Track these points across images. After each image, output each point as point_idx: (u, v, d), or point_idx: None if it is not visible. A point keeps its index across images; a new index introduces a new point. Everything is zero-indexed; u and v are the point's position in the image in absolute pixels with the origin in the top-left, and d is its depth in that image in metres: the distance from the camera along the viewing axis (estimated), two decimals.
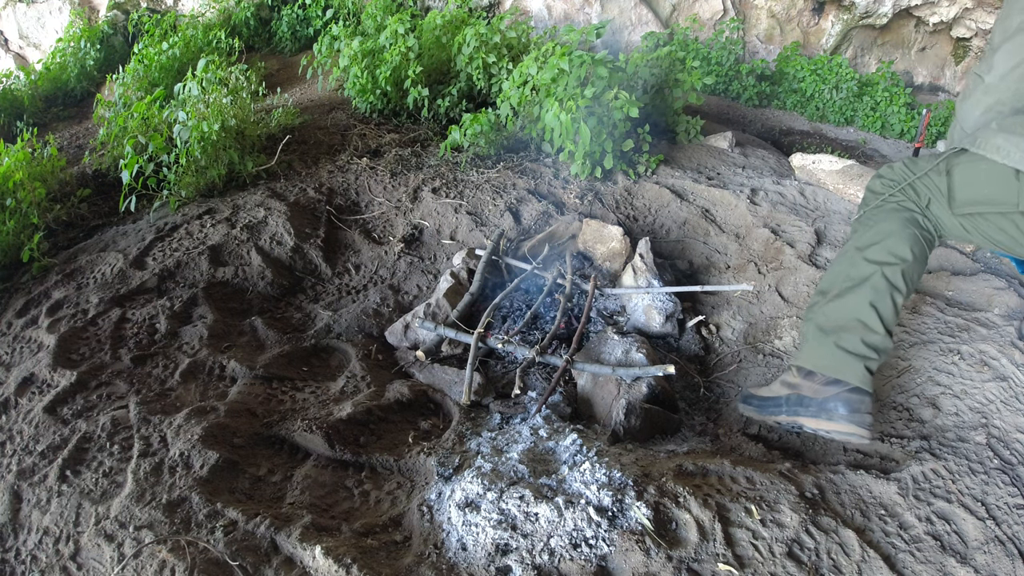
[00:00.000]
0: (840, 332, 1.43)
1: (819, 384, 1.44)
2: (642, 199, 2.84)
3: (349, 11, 4.87)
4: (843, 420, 1.39)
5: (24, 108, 4.79)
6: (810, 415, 1.44)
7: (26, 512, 1.49)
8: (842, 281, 1.50)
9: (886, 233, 1.49)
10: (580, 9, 4.99)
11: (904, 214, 1.51)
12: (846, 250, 1.56)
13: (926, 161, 1.53)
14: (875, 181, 1.62)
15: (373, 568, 1.20)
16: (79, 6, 5.83)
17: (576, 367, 1.89)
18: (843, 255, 1.56)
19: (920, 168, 1.52)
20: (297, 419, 1.70)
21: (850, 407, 1.39)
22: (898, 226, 1.49)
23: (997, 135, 1.35)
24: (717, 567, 1.17)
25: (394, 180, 3.03)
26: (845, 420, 1.39)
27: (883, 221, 1.52)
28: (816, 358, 1.45)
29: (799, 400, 1.46)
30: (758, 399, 1.59)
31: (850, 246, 1.55)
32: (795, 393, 1.48)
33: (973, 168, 1.41)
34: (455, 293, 2.24)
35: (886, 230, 1.50)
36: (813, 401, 1.43)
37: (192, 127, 2.91)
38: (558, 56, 2.80)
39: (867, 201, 1.62)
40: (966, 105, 1.47)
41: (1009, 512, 1.29)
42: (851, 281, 1.48)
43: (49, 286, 2.44)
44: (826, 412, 1.41)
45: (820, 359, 1.44)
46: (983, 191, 1.39)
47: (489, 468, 1.41)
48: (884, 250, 1.47)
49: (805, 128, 4.99)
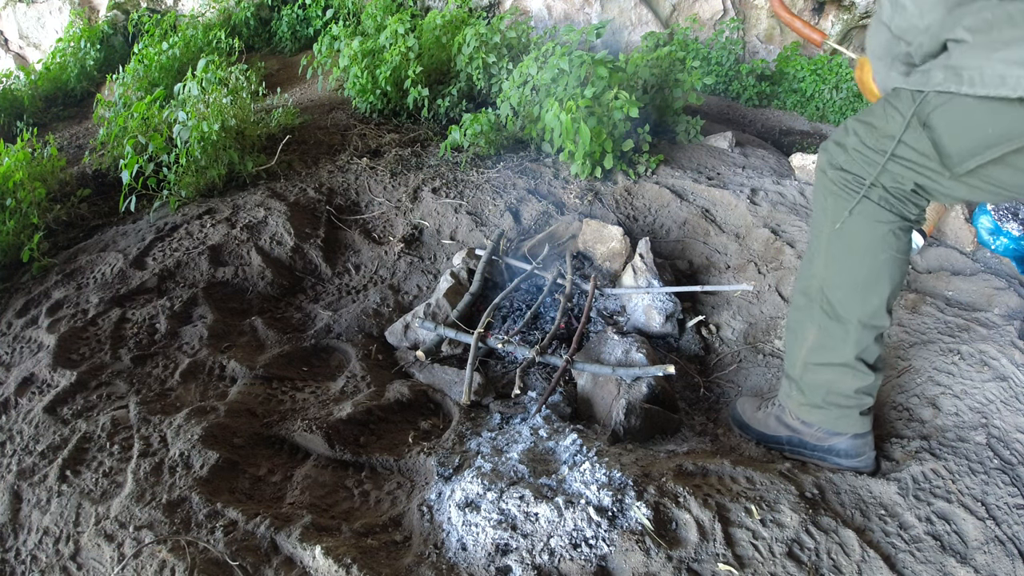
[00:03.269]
0: (831, 390, 1.42)
1: (819, 433, 1.47)
2: (642, 199, 2.84)
3: (349, 11, 4.87)
4: (847, 462, 1.45)
5: (24, 108, 4.79)
6: (815, 458, 1.49)
7: (26, 512, 1.49)
8: (820, 336, 1.38)
9: (862, 279, 1.31)
10: (580, 9, 4.99)
11: (880, 231, 1.27)
12: (816, 289, 1.37)
13: (886, 121, 1.20)
14: (829, 179, 1.31)
15: (373, 568, 1.20)
16: (79, 6, 5.83)
17: (576, 367, 1.89)
18: (813, 297, 1.39)
19: (884, 138, 1.20)
20: (297, 419, 1.70)
21: (853, 452, 1.44)
22: (874, 264, 1.29)
23: (992, 61, 1.00)
24: (717, 567, 1.17)
25: (394, 180, 3.03)
26: (849, 462, 1.45)
27: (855, 255, 1.30)
28: (812, 415, 1.47)
29: (801, 443, 1.51)
30: (756, 431, 1.62)
31: (820, 285, 1.37)
32: (796, 436, 1.51)
33: (961, 108, 1.09)
34: (455, 293, 2.24)
35: (861, 274, 1.31)
36: (817, 447, 1.48)
37: (192, 127, 2.91)
38: (558, 56, 2.80)
39: (825, 209, 1.34)
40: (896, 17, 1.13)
41: (1009, 512, 1.29)
42: (831, 339, 1.37)
43: (49, 286, 2.44)
44: (831, 456, 1.46)
45: (816, 415, 1.46)
46: (986, 131, 1.08)
47: (489, 468, 1.41)
48: (863, 303, 1.32)
49: (805, 128, 4.99)
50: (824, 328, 1.39)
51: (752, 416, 1.65)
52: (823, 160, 1.35)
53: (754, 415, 1.65)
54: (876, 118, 1.25)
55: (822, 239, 1.37)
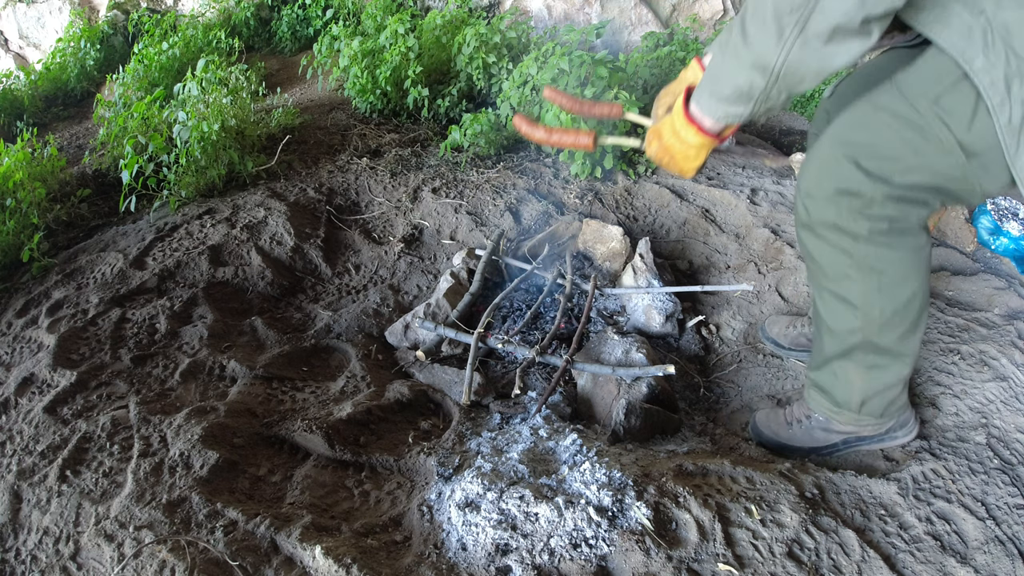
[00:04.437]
0: (891, 403, 1.42)
1: (875, 424, 1.49)
2: (642, 199, 2.84)
3: (349, 11, 4.87)
4: (905, 436, 1.49)
5: (24, 108, 4.79)
6: (873, 444, 1.52)
7: (26, 512, 1.49)
8: (877, 376, 1.35)
9: (903, 306, 1.25)
10: (580, 9, 4.99)
11: (915, 256, 1.21)
12: (858, 342, 1.31)
13: (895, 131, 1.11)
14: (836, 209, 1.19)
15: (373, 568, 1.20)
16: (79, 6, 5.83)
17: (576, 367, 1.89)
18: (854, 348, 1.32)
19: (899, 160, 1.11)
20: (297, 419, 1.70)
21: (906, 428, 1.49)
22: (915, 285, 1.24)
23: None
24: (717, 567, 1.17)
25: (394, 180, 3.03)
26: (906, 435, 1.49)
27: (897, 287, 1.23)
28: (875, 426, 1.47)
29: (858, 440, 1.52)
30: (800, 449, 1.56)
31: (863, 337, 1.30)
32: (852, 436, 1.51)
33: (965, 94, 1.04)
34: (455, 293, 2.24)
35: (902, 301, 1.25)
36: (874, 437, 1.51)
37: (192, 127, 2.91)
38: (558, 56, 2.80)
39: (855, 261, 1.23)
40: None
41: (1009, 512, 1.29)
42: (888, 373, 1.35)
43: (49, 286, 2.45)
44: (889, 439, 1.50)
45: (879, 425, 1.47)
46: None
47: (489, 468, 1.41)
48: (909, 336, 1.30)
49: (805, 128, 4.98)
50: (880, 368, 1.35)
51: (788, 435, 1.58)
52: (819, 201, 1.23)
53: (789, 433, 1.58)
54: (870, 136, 1.18)
55: (854, 289, 1.27)
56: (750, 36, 1.04)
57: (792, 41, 0.98)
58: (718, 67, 1.15)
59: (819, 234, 1.25)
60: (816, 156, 1.24)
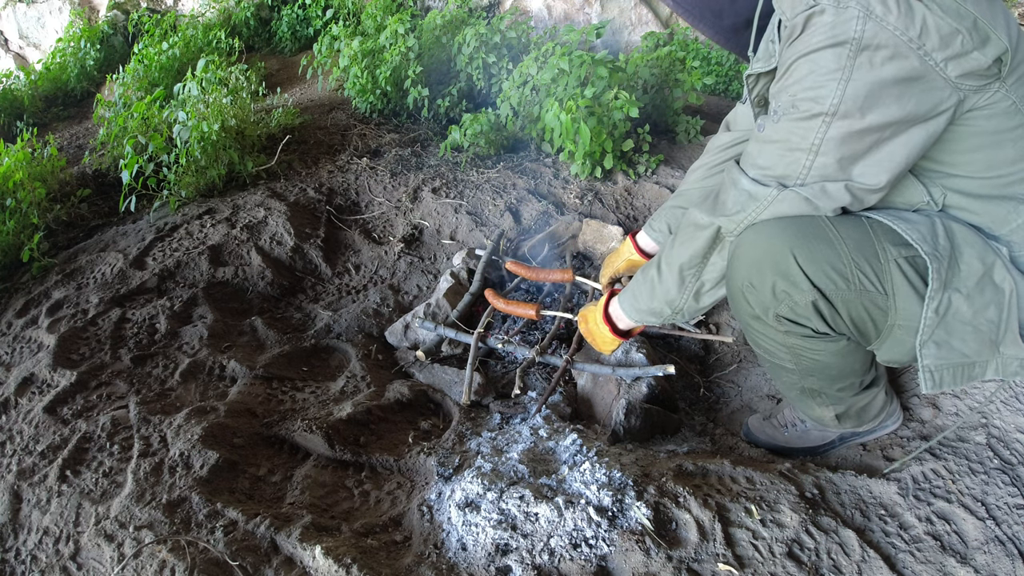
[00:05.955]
0: (858, 411, 1.48)
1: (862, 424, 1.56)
2: (642, 199, 2.84)
3: (349, 11, 4.87)
4: (893, 424, 1.57)
5: (24, 108, 4.79)
6: (868, 436, 1.59)
7: (26, 512, 1.49)
8: (824, 397, 1.43)
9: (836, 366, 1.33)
10: (580, 9, 4.99)
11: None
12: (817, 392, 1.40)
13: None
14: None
15: (373, 568, 1.20)
16: (79, 6, 5.83)
17: (576, 367, 1.89)
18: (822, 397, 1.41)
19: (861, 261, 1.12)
20: (297, 419, 1.70)
21: (894, 412, 1.56)
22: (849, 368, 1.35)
23: None
24: (717, 567, 1.17)
25: (394, 180, 3.03)
26: (894, 422, 1.58)
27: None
28: (865, 427, 1.55)
29: (853, 434, 1.59)
30: (800, 449, 1.62)
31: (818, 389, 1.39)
32: (847, 431, 1.58)
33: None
34: (455, 293, 2.24)
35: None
36: (867, 432, 1.58)
37: (192, 127, 2.91)
38: (558, 56, 2.80)
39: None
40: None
41: (1009, 512, 1.29)
42: (835, 399, 1.44)
43: (49, 286, 2.45)
44: (880, 429, 1.57)
45: (868, 426, 1.55)
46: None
47: (489, 468, 1.41)
48: (858, 389, 1.42)
49: None
50: (840, 401, 1.43)
51: (785, 438, 1.63)
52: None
53: (786, 436, 1.63)
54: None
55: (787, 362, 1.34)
56: (663, 277, 1.37)
57: (691, 289, 1.34)
58: (639, 288, 1.45)
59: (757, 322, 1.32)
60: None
